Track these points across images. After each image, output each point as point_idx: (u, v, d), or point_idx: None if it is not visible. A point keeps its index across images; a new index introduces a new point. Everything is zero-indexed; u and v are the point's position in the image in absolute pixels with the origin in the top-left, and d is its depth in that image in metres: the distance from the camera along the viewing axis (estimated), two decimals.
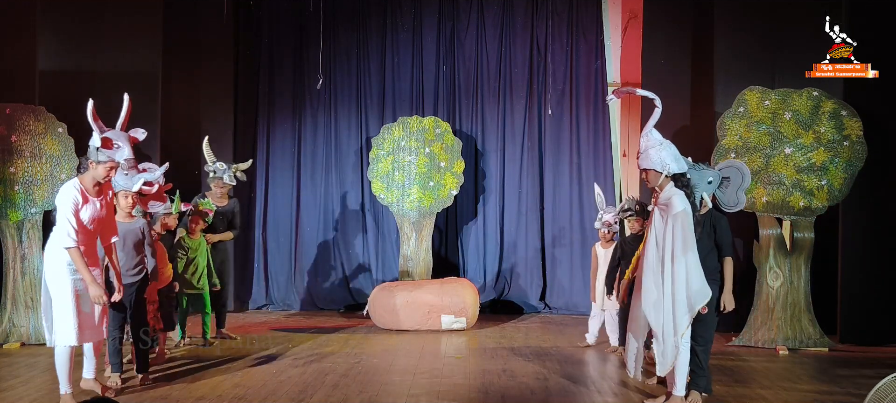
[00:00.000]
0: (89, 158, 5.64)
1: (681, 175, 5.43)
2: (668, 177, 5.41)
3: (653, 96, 5.69)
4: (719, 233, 5.72)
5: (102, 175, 5.64)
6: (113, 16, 9.54)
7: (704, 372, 5.72)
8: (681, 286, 5.29)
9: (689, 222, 5.29)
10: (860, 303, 8.29)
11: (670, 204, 5.32)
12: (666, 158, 5.40)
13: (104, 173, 5.65)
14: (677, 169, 5.40)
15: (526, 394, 6.07)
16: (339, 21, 11.10)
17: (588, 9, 10.88)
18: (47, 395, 5.99)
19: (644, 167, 5.49)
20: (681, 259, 5.28)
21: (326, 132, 11.09)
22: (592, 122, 10.82)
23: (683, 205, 5.29)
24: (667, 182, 5.43)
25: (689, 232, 5.27)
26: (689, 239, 5.27)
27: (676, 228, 5.28)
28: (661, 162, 5.40)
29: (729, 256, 5.72)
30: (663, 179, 5.42)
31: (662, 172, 5.40)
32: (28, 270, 8.11)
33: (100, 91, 9.48)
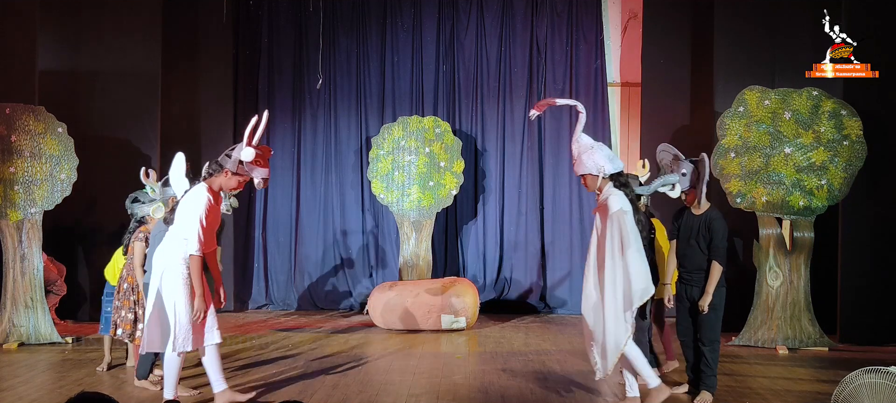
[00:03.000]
0: (224, 166, 5.45)
1: (617, 174, 5.45)
2: (605, 178, 5.42)
3: (574, 103, 5.70)
4: (714, 237, 5.71)
5: (232, 186, 5.49)
6: (113, 15, 9.55)
7: (713, 372, 5.75)
8: (620, 285, 5.29)
9: (628, 220, 5.29)
10: (860, 303, 8.29)
11: (607, 204, 5.34)
12: (599, 160, 5.41)
13: (235, 185, 5.50)
14: (613, 169, 5.41)
15: (526, 394, 6.07)
16: (339, 21, 11.10)
17: (588, 9, 10.89)
18: (47, 395, 5.99)
19: (580, 173, 5.51)
20: (619, 258, 5.28)
21: (326, 132, 11.09)
22: (592, 122, 10.81)
23: (620, 205, 5.30)
24: (605, 183, 5.44)
25: (627, 230, 5.27)
26: (628, 237, 5.27)
27: (614, 228, 5.29)
28: (595, 165, 5.41)
29: (716, 260, 5.70)
30: (601, 181, 5.43)
31: (599, 175, 5.41)
32: (28, 270, 8.11)
33: (100, 91, 9.57)
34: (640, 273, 5.25)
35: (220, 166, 5.45)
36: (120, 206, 9.62)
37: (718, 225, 5.75)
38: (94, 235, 9.49)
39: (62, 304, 9.11)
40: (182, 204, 5.39)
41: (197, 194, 5.35)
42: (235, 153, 5.42)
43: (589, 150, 5.44)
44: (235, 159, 5.41)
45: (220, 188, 5.48)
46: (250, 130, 5.45)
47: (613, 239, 5.27)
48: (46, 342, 8.05)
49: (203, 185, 5.40)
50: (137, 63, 9.51)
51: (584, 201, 10.74)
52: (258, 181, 5.48)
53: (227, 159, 5.44)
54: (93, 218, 9.44)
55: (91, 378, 6.55)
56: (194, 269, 5.29)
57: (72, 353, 7.69)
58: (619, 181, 5.42)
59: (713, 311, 5.76)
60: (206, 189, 5.38)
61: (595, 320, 5.41)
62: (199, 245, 5.26)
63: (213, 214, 5.41)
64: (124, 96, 9.50)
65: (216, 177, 5.46)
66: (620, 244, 5.25)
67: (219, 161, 5.48)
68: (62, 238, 9.28)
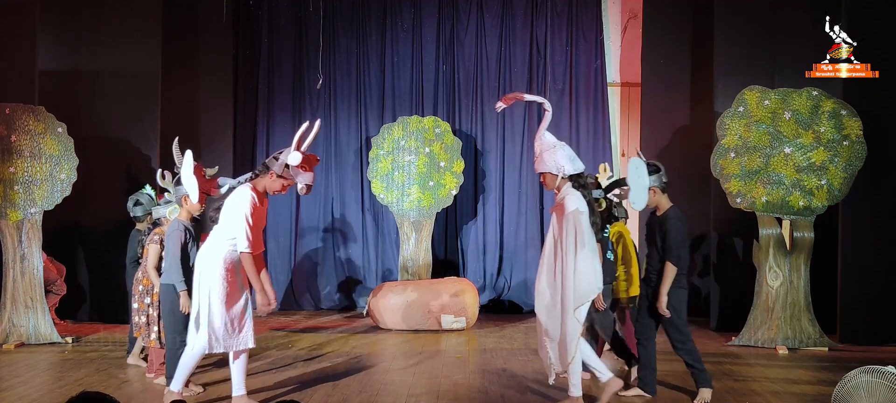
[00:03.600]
0: (271, 168, 5.44)
1: (577, 175, 5.48)
2: (564, 178, 5.46)
3: (542, 100, 5.75)
4: (666, 237, 5.74)
5: (276, 189, 5.49)
6: (113, 15, 9.55)
7: (700, 368, 5.79)
8: (571, 284, 5.31)
9: (583, 221, 5.32)
10: (860, 303, 8.29)
11: (564, 204, 5.38)
12: (560, 160, 5.45)
13: (279, 188, 5.50)
14: (572, 169, 5.45)
15: (526, 394, 6.07)
16: (339, 21, 11.09)
17: (588, 9, 10.88)
18: (47, 395, 6.00)
19: (540, 171, 5.54)
20: (572, 258, 5.31)
21: (326, 132, 11.08)
22: (592, 122, 10.82)
23: (576, 205, 5.34)
24: (564, 183, 5.47)
25: (582, 231, 5.30)
26: (582, 237, 5.30)
27: (569, 228, 5.32)
28: (555, 164, 5.45)
29: (669, 261, 5.71)
30: (560, 181, 5.47)
31: (558, 174, 5.46)
32: (28, 270, 8.11)
33: (99, 91, 9.56)
34: (589, 272, 5.31)
35: (267, 168, 5.45)
36: (120, 206, 9.66)
37: (671, 225, 5.74)
38: (94, 235, 9.49)
39: (62, 304, 9.10)
40: (227, 204, 5.39)
41: (242, 194, 5.37)
42: (283, 156, 5.43)
43: (551, 149, 5.50)
44: (282, 162, 5.41)
45: (264, 189, 5.48)
46: (300, 136, 5.47)
47: (569, 238, 5.31)
48: (46, 342, 8.05)
49: (248, 186, 5.41)
50: (137, 63, 9.51)
51: None
52: (301, 186, 5.49)
53: (273, 162, 5.44)
54: (93, 218, 9.43)
55: (91, 378, 6.55)
56: (249, 267, 5.29)
57: (72, 353, 7.69)
58: (577, 182, 5.47)
59: (673, 313, 5.76)
60: (251, 189, 5.39)
61: (548, 318, 5.45)
62: (249, 242, 5.26)
63: (259, 214, 5.41)
64: (124, 96, 9.49)
65: (261, 177, 5.47)
66: (575, 243, 5.29)
67: (266, 162, 5.49)
68: (62, 238, 9.27)
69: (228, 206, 5.38)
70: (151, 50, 9.57)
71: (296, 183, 5.48)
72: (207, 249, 5.40)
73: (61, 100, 9.00)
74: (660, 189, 5.79)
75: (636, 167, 5.70)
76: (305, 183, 5.47)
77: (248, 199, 5.33)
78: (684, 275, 5.81)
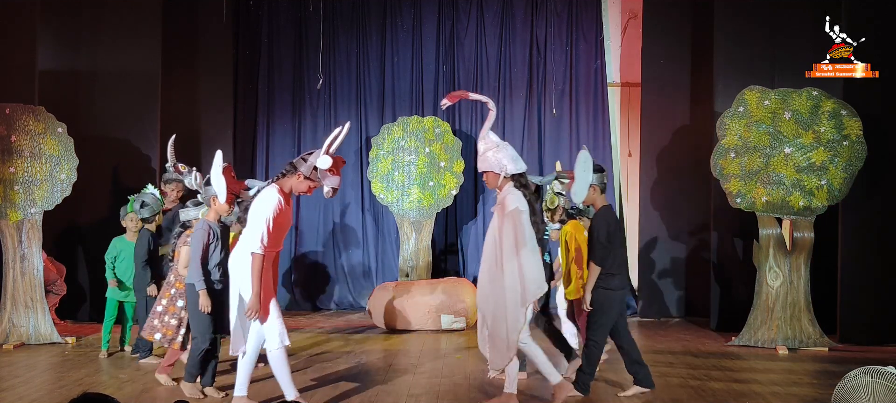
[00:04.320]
0: (299, 169, 5.39)
1: (519, 175, 5.50)
2: (506, 177, 5.47)
3: (486, 100, 5.76)
4: (590, 236, 5.80)
5: (303, 190, 5.45)
6: (112, 16, 9.55)
7: (586, 372, 5.84)
8: (514, 283, 5.32)
9: (523, 220, 5.34)
10: (860, 303, 8.29)
11: (505, 202, 5.40)
12: (503, 159, 5.47)
13: (305, 189, 5.46)
14: (515, 169, 5.47)
15: (526, 394, 6.07)
16: (339, 21, 11.09)
17: (588, 9, 10.89)
18: (47, 395, 6.00)
19: (482, 170, 5.56)
20: (513, 257, 5.31)
21: (326, 132, 11.03)
22: (592, 122, 10.82)
23: (516, 204, 5.36)
24: (506, 182, 5.49)
25: (522, 229, 5.32)
26: (522, 236, 5.32)
27: (508, 226, 5.34)
28: (498, 163, 5.47)
29: (592, 260, 5.75)
30: (502, 180, 5.49)
31: (501, 173, 5.47)
32: (28, 270, 8.10)
33: (100, 91, 9.57)
34: (532, 271, 5.33)
35: (295, 168, 5.41)
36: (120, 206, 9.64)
37: (595, 224, 5.81)
38: (94, 235, 9.49)
39: (62, 304, 9.11)
40: (254, 205, 5.37)
41: (268, 195, 5.33)
42: (312, 158, 5.39)
43: (494, 148, 5.51)
44: (311, 164, 5.37)
45: (290, 189, 5.45)
46: (331, 139, 5.45)
47: (508, 237, 5.33)
48: (46, 342, 8.05)
49: (274, 186, 5.37)
50: (137, 63, 9.51)
51: None
52: (328, 190, 5.47)
53: (302, 162, 5.41)
54: (93, 218, 9.43)
55: (91, 378, 6.55)
56: (255, 268, 5.24)
57: (72, 353, 7.69)
58: (519, 181, 5.49)
59: (594, 311, 5.79)
60: (277, 190, 5.35)
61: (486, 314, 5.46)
62: (262, 244, 5.22)
63: (283, 215, 5.39)
64: (124, 96, 9.49)
65: (288, 178, 5.43)
66: (515, 242, 5.31)
67: (293, 163, 5.46)
68: (62, 238, 9.27)
69: (254, 206, 5.35)
70: (151, 50, 9.57)
71: (322, 185, 5.47)
72: (240, 251, 5.36)
73: (61, 100, 9.00)
74: (599, 187, 5.85)
75: (584, 161, 5.75)
76: (332, 186, 5.46)
77: (274, 201, 5.29)
78: (615, 277, 5.80)
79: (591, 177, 5.74)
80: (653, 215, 10.24)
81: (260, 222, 5.25)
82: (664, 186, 10.19)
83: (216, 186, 5.71)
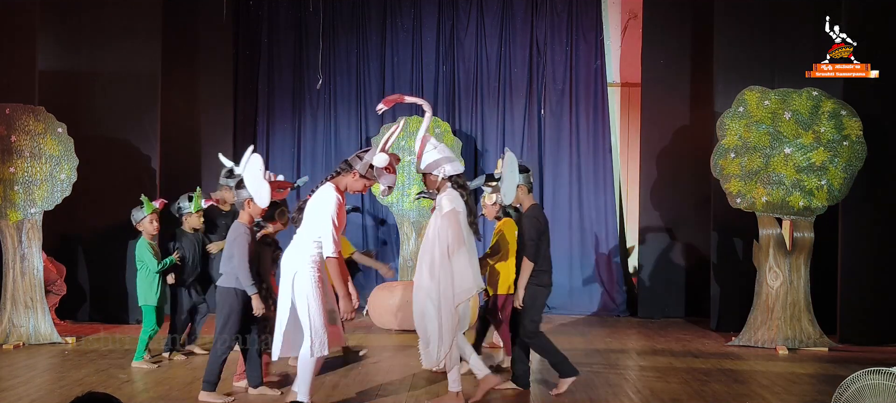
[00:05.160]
0: (354, 167, 5.36)
1: (457, 176, 5.55)
2: (444, 178, 5.52)
3: (422, 102, 5.80)
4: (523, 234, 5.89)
5: (358, 188, 5.42)
6: (113, 16, 9.54)
7: (561, 358, 5.91)
8: (448, 283, 5.35)
9: (459, 221, 5.38)
10: (860, 303, 8.29)
11: (441, 204, 5.44)
12: (441, 161, 5.52)
13: (360, 188, 5.43)
14: (452, 170, 5.52)
15: (525, 394, 6.07)
16: (339, 21, 11.10)
17: (588, 9, 10.89)
18: (47, 395, 5.99)
19: (421, 170, 5.60)
20: (447, 258, 5.34)
21: (326, 132, 11.10)
22: (592, 122, 10.83)
23: (452, 205, 5.39)
24: (444, 184, 5.53)
25: (458, 230, 5.36)
26: (457, 237, 5.35)
27: (443, 228, 5.37)
28: (437, 165, 5.52)
29: (525, 256, 5.83)
30: (441, 181, 5.54)
31: (440, 175, 5.52)
32: (28, 270, 8.10)
33: (100, 91, 9.56)
34: (467, 271, 5.37)
35: (350, 166, 5.38)
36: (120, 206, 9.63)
37: (525, 223, 5.91)
38: (94, 235, 9.49)
39: (62, 304, 9.10)
40: (311, 205, 5.31)
41: (327, 195, 5.26)
42: (368, 156, 5.37)
43: (432, 150, 5.57)
44: (367, 162, 5.35)
45: (345, 188, 5.41)
46: (387, 137, 5.48)
47: (444, 238, 5.37)
48: (46, 342, 8.05)
49: (331, 185, 5.32)
50: (137, 63, 9.50)
51: (584, 201, 10.74)
52: (383, 188, 5.47)
53: (357, 160, 5.38)
54: (93, 218, 9.43)
55: (91, 379, 6.54)
56: (334, 271, 5.20)
57: (72, 353, 7.69)
58: (457, 183, 5.53)
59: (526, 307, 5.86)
60: (334, 188, 5.30)
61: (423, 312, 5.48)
62: (335, 246, 5.19)
63: (342, 214, 5.35)
64: (124, 96, 9.49)
65: (343, 176, 5.40)
66: (451, 243, 5.34)
67: (348, 161, 5.42)
68: (62, 238, 9.27)
69: (312, 206, 5.29)
70: (151, 50, 9.56)
71: (378, 183, 5.45)
72: (295, 251, 5.29)
73: (61, 101, 9.00)
74: (526, 187, 5.95)
75: (511, 162, 5.80)
76: (388, 184, 5.45)
77: (334, 201, 5.22)
78: (545, 274, 5.93)
79: (518, 177, 5.81)
80: (653, 215, 10.24)
81: (325, 223, 5.19)
82: (664, 186, 10.19)
83: (255, 189, 5.62)
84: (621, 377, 6.76)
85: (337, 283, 5.22)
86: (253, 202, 5.70)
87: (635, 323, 9.82)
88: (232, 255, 5.73)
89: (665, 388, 6.27)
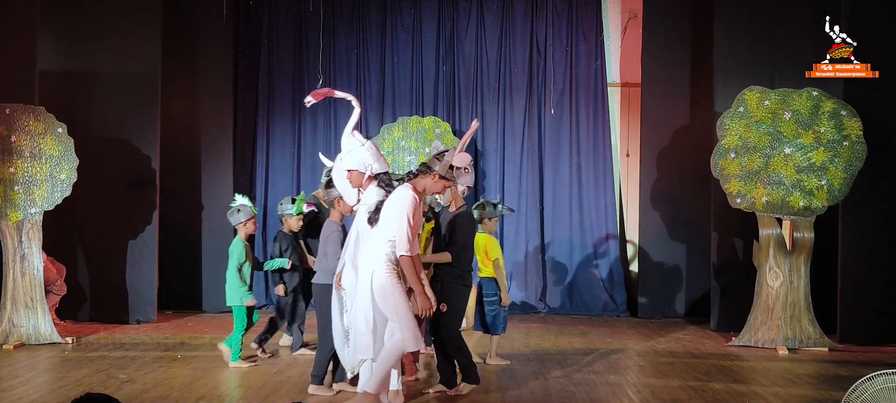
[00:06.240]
0: (434, 169, 5.38)
1: (383, 174, 5.57)
2: (370, 176, 5.54)
3: (350, 98, 5.82)
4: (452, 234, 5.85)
5: (437, 190, 5.46)
6: (113, 16, 9.53)
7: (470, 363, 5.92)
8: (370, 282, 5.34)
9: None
10: (860, 303, 8.29)
11: (367, 202, 5.48)
12: (367, 158, 5.53)
13: (440, 189, 5.47)
14: (379, 168, 5.55)
15: (526, 394, 6.07)
16: (339, 21, 11.09)
17: (588, 9, 10.88)
18: (47, 395, 5.99)
19: (347, 168, 5.61)
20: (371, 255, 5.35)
21: (326, 132, 11.08)
22: (592, 122, 10.82)
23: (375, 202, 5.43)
24: (369, 182, 5.55)
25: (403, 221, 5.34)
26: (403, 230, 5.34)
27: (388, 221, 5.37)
28: (362, 162, 5.54)
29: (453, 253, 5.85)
30: (366, 179, 5.56)
31: (365, 172, 5.55)
32: (28, 270, 8.10)
33: (100, 91, 9.56)
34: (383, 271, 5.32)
35: (429, 168, 5.40)
36: (120, 206, 9.65)
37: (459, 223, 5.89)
38: (94, 235, 9.49)
39: (62, 304, 9.10)
40: (387, 205, 5.34)
41: (404, 195, 5.29)
42: (447, 156, 5.38)
43: (358, 147, 5.59)
44: (447, 163, 5.36)
45: (424, 189, 5.43)
46: (466, 137, 5.49)
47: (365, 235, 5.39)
48: (46, 342, 8.05)
49: (408, 186, 5.35)
50: (137, 63, 9.49)
51: (584, 201, 10.74)
52: (463, 188, 5.49)
53: (436, 162, 5.39)
54: (93, 218, 9.43)
55: (91, 379, 6.54)
56: (409, 270, 5.24)
57: (72, 353, 7.69)
58: (382, 181, 5.55)
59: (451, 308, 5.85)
60: (412, 189, 5.33)
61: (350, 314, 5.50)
62: (410, 245, 5.22)
63: (418, 215, 5.37)
64: (124, 96, 9.48)
65: (422, 178, 5.42)
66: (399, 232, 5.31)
67: (426, 163, 5.45)
68: (62, 238, 9.27)
69: (389, 207, 5.32)
70: (151, 50, 9.56)
71: (457, 184, 5.45)
72: (372, 253, 5.32)
73: (61, 100, 8.99)
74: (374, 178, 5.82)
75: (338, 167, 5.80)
76: (468, 184, 5.47)
77: (411, 201, 5.26)
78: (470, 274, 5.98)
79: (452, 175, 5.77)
80: (653, 215, 10.24)
81: (401, 223, 5.21)
82: (664, 186, 10.19)
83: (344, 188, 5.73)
84: (621, 377, 6.76)
85: (412, 281, 5.28)
86: (342, 200, 5.85)
87: (635, 323, 9.82)
88: (326, 253, 5.95)
89: (665, 388, 6.28)
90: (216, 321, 9.60)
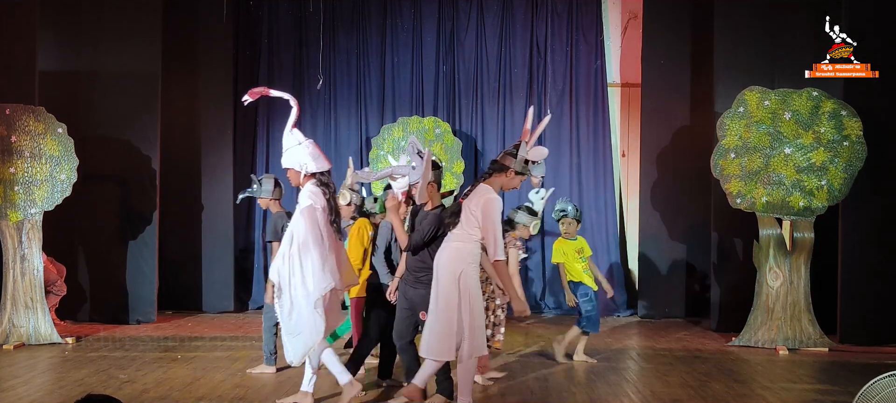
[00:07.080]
0: (510, 166, 5.34)
1: (321, 173, 5.58)
2: (307, 175, 5.56)
3: (288, 97, 5.85)
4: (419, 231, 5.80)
5: (514, 185, 5.45)
6: (112, 16, 9.54)
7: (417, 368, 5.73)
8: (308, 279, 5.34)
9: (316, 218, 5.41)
10: (860, 303, 8.29)
11: (299, 199, 5.49)
12: (303, 158, 5.55)
13: (516, 185, 5.47)
14: (316, 168, 5.56)
15: (526, 394, 6.07)
16: (339, 21, 11.09)
17: (588, 9, 10.89)
18: (47, 396, 5.99)
19: (285, 166, 5.65)
20: (305, 252, 5.35)
21: (326, 132, 11.08)
22: (592, 122, 10.82)
23: (310, 202, 5.44)
24: (307, 180, 5.57)
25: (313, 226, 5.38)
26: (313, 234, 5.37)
27: (300, 223, 5.40)
28: (299, 161, 5.56)
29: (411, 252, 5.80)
30: (303, 178, 5.58)
31: (301, 171, 5.57)
32: (28, 270, 8.10)
33: (100, 91, 9.56)
34: (319, 268, 5.36)
35: (504, 166, 5.36)
36: (120, 207, 9.64)
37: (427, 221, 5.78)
38: (94, 235, 9.49)
39: (62, 305, 9.10)
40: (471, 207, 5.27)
41: (489, 199, 5.23)
42: (521, 152, 5.33)
43: (296, 146, 5.62)
44: (522, 158, 5.33)
45: (501, 187, 5.41)
46: (538, 128, 5.46)
47: (299, 234, 5.38)
48: (46, 342, 8.05)
49: (488, 187, 5.32)
50: (137, 63, 9.50)
51: (584, 201, 10.73)
52: (537, 178, 5.48)
53: (510, 159, 5.35)
54: (93, 218, 9.43)
55: (92, 379, 6.54)
56: (503, 274, 5.27)
57: (72, 354, 7.69)
58: (320, 180, 5.56)
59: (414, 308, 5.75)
60: (492, 190, 5.31)
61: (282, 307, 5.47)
62: (502, 249, 5.23)
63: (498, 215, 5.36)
64: (124, 96, 9.48)
65: (497, 176, 5.39)
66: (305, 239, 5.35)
67: (499, 161, 5.40)
68: (62, 238, 9.27)
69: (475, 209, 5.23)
70: (151, 50, 9.56)
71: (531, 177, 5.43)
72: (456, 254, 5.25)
73: (61, 101, 8.99)
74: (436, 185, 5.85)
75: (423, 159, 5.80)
76: (541, 174, 5.46)
77: (498, 204, 5.25)
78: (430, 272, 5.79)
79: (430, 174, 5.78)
80: (653, 215, 10.24)
81: (496, 227, 5.19)
82: (664, 186, 10.19)
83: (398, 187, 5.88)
84: (621, 377, 6.76)
85: (506, 285, 5.31)
86: None
87: (635, 323, 9.82)
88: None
89: (665, 388, 6.28)
90: (216, 321, 9.61)
